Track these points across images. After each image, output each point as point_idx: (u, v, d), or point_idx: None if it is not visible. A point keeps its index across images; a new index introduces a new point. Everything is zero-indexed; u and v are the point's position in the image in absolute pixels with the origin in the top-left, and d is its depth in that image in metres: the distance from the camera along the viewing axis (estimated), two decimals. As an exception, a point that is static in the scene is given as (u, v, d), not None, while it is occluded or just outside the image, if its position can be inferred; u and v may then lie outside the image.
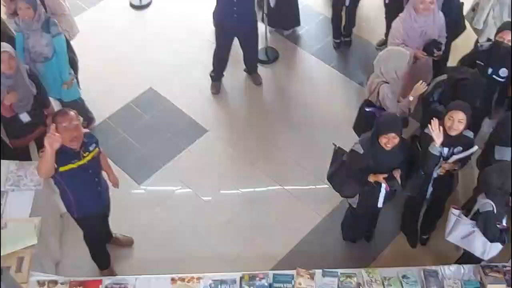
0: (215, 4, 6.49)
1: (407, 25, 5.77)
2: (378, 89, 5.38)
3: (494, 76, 5.54)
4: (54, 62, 5.80)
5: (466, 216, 4.78)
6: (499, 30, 5.58)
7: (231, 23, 6.46)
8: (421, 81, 5.28)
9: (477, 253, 4.85)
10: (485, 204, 4.52)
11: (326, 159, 5.32)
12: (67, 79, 5.96)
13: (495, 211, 4.53)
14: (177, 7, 8.17)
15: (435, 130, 4.67)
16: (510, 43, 5.45)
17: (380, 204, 5.19)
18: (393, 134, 4.60)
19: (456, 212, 4.81)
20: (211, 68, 7.12)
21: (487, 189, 4.53)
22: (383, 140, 4.65)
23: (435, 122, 4.68)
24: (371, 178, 4.86)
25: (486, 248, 4.79)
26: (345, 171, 5.03)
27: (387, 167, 4.83)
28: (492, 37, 5.78)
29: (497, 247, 4.79)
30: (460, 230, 4.82)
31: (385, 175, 4.81)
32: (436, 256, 5.73)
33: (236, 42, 6.83)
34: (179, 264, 5.54)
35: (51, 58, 5.76)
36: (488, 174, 4.50)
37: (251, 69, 7.29)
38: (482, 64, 5.49)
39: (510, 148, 4.83)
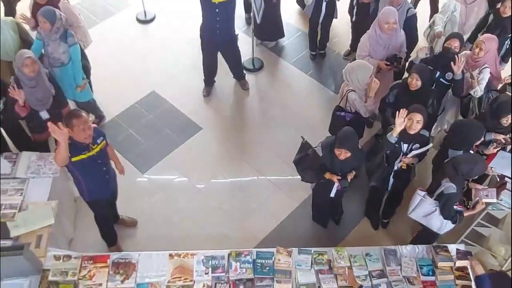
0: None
1: (373, 40, 5.80)
2: (347, 95, 5.40)
3: (441, 80, 5.56)
4: (70, 67, 5.76)
5: None
6: (448, 38, 5.61)
7: (214, 37, 6.40)
8: (373, 78, 5.29)
9: (435, 228, 4.89)
10: (449, 187, 4.55)
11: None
12: (81, 83, 5.92)
13: (457, 193, 4.57)
14: (177, 21, 8.11)
15: (401, 118, 4.67)
16: (457, 50, 5.48)
17: (332, 195, 5.22)
18: (345, 150, 4.63)
19: (422, 193, 4.84)
20: (204, 74, 7.12)
21: (455, 175, 4.53)
22: (336, 152, 4.68)
23: (404, 111, 4.69)
24: (327, 176, 4.91)
25: (442, 225, 4.84)
26: (309, 162, 5.04)
27: (340, 170, 4.89)
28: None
29: (451, 225, 4.84)
30: (423, 208, 4.84)
31: (339, 177, 4.87)
32: (395, 237, 5.77)
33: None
34: (176, 242, 5.55)
35: (66, 64, 5.72)
36: (458, 162, 4.51)
37: (238, 76, 7.25)
38: (431, 68, 5.49)
39: (461, 152, 4.84)
